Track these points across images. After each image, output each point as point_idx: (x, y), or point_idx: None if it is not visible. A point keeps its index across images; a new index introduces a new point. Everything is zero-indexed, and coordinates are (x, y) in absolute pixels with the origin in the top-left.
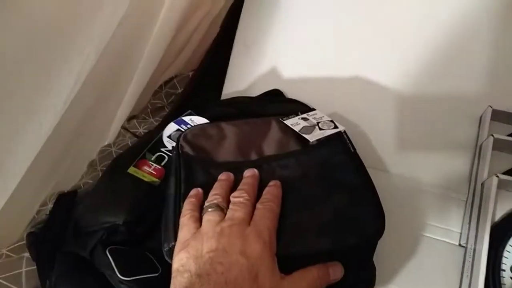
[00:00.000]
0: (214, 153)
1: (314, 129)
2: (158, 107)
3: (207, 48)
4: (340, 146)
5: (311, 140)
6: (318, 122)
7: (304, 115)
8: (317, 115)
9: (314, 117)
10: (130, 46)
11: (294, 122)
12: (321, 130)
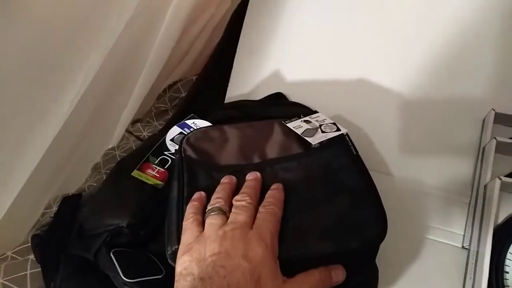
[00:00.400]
0: (216, 156)
1: (316, 131)
2: (162, 111)
3: (211, 52)
4: (343, 148)
5: (314, 143)
6: (321, 125)
7: (306, 117)
8: (319, 117)
9: (317, 119)
10: (135, 51)
11: (297, 125)
12: (323, 132)
